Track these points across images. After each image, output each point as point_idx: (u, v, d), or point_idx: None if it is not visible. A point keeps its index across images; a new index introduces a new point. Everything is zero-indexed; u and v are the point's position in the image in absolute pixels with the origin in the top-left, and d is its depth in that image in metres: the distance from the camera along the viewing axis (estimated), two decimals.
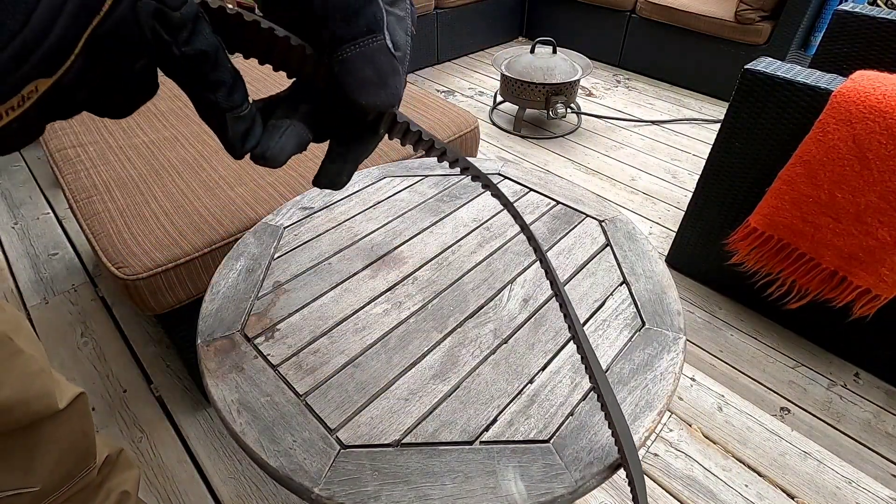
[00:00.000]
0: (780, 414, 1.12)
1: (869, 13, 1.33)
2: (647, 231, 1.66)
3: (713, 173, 1.24)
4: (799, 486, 0.97)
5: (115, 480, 0.70)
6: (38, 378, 0.54)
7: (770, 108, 1.06)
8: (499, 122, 2.27)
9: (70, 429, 0.59)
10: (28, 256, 1.50)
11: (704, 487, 0.96)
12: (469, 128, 1.16)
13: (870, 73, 0.96)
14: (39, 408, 0.54)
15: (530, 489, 0.41)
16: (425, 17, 2.54)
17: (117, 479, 0.71)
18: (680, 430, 1.05)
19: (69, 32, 0.18)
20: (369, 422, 0.46)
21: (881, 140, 0.90)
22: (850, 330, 1.13)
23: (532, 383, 0.49)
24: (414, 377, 0.50)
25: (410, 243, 0.67)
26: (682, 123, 2.28)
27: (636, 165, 1.99)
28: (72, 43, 0.18)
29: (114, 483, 0.70)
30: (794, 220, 1.07)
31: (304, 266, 0.63)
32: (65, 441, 0.59)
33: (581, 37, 2.84)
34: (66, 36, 0.18)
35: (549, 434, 0.45)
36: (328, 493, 0.40)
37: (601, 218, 0.70)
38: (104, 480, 0.69)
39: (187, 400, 1.11)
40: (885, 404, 1.14)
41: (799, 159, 1.02)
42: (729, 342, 1.27)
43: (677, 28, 2.45)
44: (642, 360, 0.51)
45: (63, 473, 0.60)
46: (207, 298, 0.58)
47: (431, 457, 0.43)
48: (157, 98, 1.23)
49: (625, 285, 0.60)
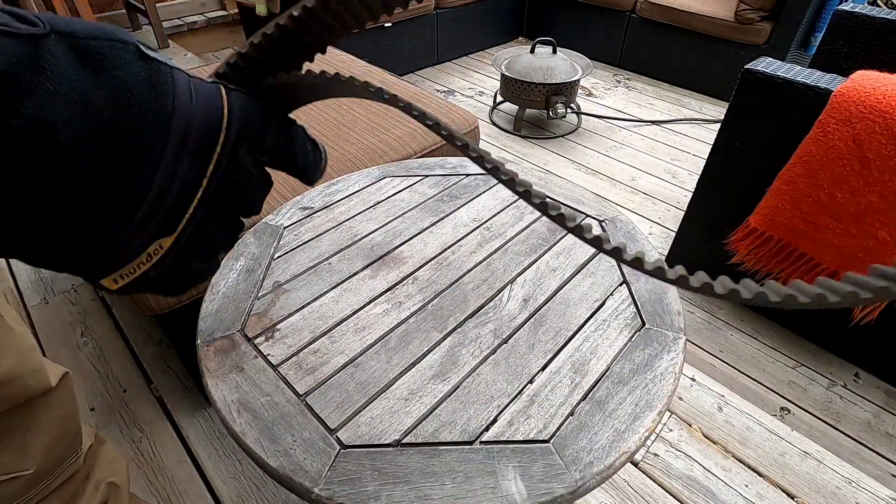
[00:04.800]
0: (780, 414, 1.12)
1: (869, 13, 1.33)
2: (647, 231, 1.66)
3: (713, 173, 1.24)
4: (799, 486, 0.97)
5: (101, 472, 0.70)
6: (30, 354, 0.54)
7: (770, 108, 1.06)
8: (499, 122, 2.27)
9: (62, 409, 0.60)
10: None
11: (704, 487, 0.96)
12: (469, 128, 1.16)
13: (870, 73, 0.96)
14: (34, 383, 0.55)
15: (530, 489, 0.41)
16: (425, 17, 2.54)
17: (104, 472, 0.71)
18: (680, 430, 1.05)
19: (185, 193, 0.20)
20: (369, 422, 0.46)
21: (881, 140, 0.90)
22: (850, 330, 1.13)
23: (532, 383, 0.49)
24: (414, 377, 0.50)
25: (410, 243, 0.67)
26: (682, 123, 2.28)
27: (636, 165, 1.99)
28: (188, 201, 0.20)
29: (101, 475, 0.70)
30: (794, 221, 1.07)
31: (304, 266, 0.63)
32: (57, 421, 0.59)
33: (581, 37, 2.84)
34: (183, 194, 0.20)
35: (549, 434, 0.45)
36: (328, 493, 0.40)
37: (601, 218, 0.70)
38: (90, 472, 0.69)
39: (187, 400, 1.11)
40: (885, 404, 1.14)
41: (799, 159, 1.02)
42: (729, 342, 1.27)
43: (677, 28, 2.45)
44: (642, 360, 0.51)
45: (56, 457, 0.60)
46: (207, 298, 0.58)
47: (431, 457, 0.43)
48: None
49: (625, 285, 0.60)
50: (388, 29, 2.40)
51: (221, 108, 0.21)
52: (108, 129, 0.17)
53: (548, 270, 0.62)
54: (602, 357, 0.51)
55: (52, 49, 0.17)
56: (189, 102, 0.20)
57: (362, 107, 1.19)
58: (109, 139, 0.18)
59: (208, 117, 0.20)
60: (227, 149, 0.21)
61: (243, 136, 0.22)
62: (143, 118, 0.18)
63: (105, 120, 0.17)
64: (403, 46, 2.54)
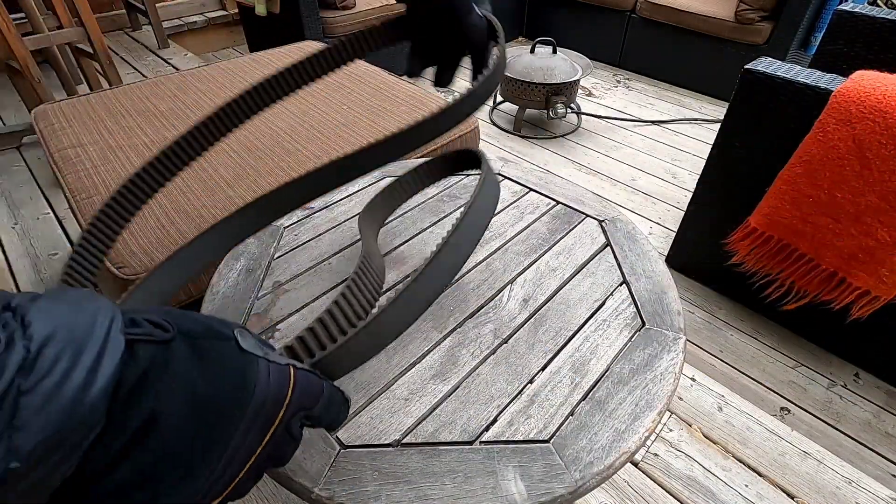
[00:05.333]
0: (780, 414, 1.12)
1: (869, 13, 1.33)
2: (647, 231, 1.66)
3: (713, 173, 1.24)
4: (799, 486, 0.97)
5: None
6: None
7: (770, 108, 1.06)
8: (499, 122, 2.27)
9: None
10: (28, 256, 1.50)
11: (704, 487, 0.96)
12: (469, 128, 1.16)
13: (870, 73, 0.96)
14: None
15: (530, 489, 0.41)
16: None
17: None
18: (680, 430, 1.05)
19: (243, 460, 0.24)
20: (369, 422, 0.46)
21: (881, 140, 0.90)
22: (850, 330, 1.13)
23: (532, 383, 0.49)
24: (414, 377, 0.50)
25: (410, 243, 0.67)
26: (682, 123, 2.28)
27: (636, 165, 1.99)
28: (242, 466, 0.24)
29: None
30: (793, 221, 1.07)
31: (304, 266, 0.63)
32: None
33: (581, 37, 2.84)
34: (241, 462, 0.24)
35: (549, 434, 0.45)
36: (328, 493, 0.40)
37: (601, 218, 0.70)
38: None
39: None
40: (885, 404, 1.14)
41: (799, 159, 1.02)
42: (729, 342, 1.27)
43: (677, 28, 2.45)
44: (642, 360, 0.51)
45: None
46: (207, 298, 0.58)
47: (431, 457, 0.43)
48: (157, 98, 1.23)
49: (625, 285, 0.60)
50: None
51: (287, 387, 0.26)
52: (203, 411, 0.22)
53: (548, 270, 0.62)
54: (602, 357, 0.51)
55: (176, 351, 0.22)
56: (266, 386, 0.24)
57: (363, 108, 1.19)
58: (203, 417, 0.22)
59: (277, 396, 0.25)
60: (284, 421, 0.25)
61: (297, 408, 0.26)
62: (230, 400, 0.23)
63: (201, 403, 0.22)
64: (403, 46, 2.54)
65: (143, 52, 2.62)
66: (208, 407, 0.22)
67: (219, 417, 0.23)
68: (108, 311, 0.21)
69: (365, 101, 1.21)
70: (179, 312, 0.25)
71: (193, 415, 0.22)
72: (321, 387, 0.29)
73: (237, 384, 0.23)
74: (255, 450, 0.24)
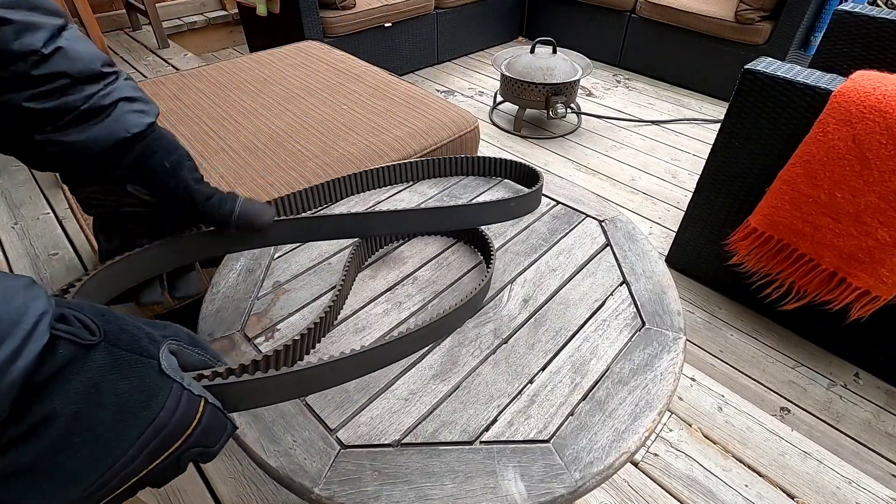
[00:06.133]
0: (780, 414, 1.12)
1: (869, 13, 1.33)
2: (647, 231, 1.66)
3: (713, 173, 1.24)
4: (799, 486, 0.97)
5: None
6: None
7: (770, 108, 1.06)
8: (499, 122, 2.27)
9: None
10: (28, 256, 1.50)
11: (704, 487, 0.96)
12: (469, 128, 1.16)
13: (870, 73, 0.96)
14: None
15: (530, 489, 0.41)
16: (425, 17, 2.55)
17: None
18: (680, 430, 1.05)
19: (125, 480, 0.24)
20: (369, 422, 0.46)
21: (881, 140, 0.90)
22: (850, 330, 1.14)
23: (532, 383, 0.49)
24: (414, 377, 0.50)
25: (410, 243, 0.67)
26: (682, 123, 2.28)
27: (636, 165, 1.99)
28: (122, 484, 0.24)
29: None
30: (793, 221, 1.07)
31: (304, 266, 0.63)
32: None
33: (581, 37, 2.84)
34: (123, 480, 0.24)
35: (549, 434, 0.45)
36: (328, 493, 0.40)
37: (601, 218, 0.70)
38: None
39: None
40: (885, 404, 1.14)
41: (799, 159, 1.02)
42: (729, 342, 1.27)
43: (677, 28, 2.45)
44: (642, 360, 0.51)
45: None
46: (207, 298, 0.58)
47: (431, 457, 0.43)
48: (156, 98, 1.23)
49: (625, 285, 0.60)
50: (388, 29, 2.40)
51: (192, 420, 0.26)
52: (101, 424, 0.22)
53: (548, 270, 0.62)
54: (602, 357, 0.51)
55: (95, 358, 0.23)
56: (170, 414, 0.24)
57: (363, 107, 1.19)
58: (98, 430, 0.22)
59: (178, 427, 0.25)
60: (176, 453, 0.25)
61: (195, 444, 0.26)
62: (130, 419, 0.23)
63: (101, 416, 0.22)
64: (403, 46, 2.54)
65: (143, 52, 2.62)
66: (106, 421, 0.22)
67: (114, 434, 0.23)
68: (41, 305, 0.21)
69: (365, 101, 1.21)
70: (116, 317, 0.25)
71: (90, 425, 0.22)
72: (224, 426, 0.28)
73: (142, 404, 0.24)
74: (139, 472, 0.24)
